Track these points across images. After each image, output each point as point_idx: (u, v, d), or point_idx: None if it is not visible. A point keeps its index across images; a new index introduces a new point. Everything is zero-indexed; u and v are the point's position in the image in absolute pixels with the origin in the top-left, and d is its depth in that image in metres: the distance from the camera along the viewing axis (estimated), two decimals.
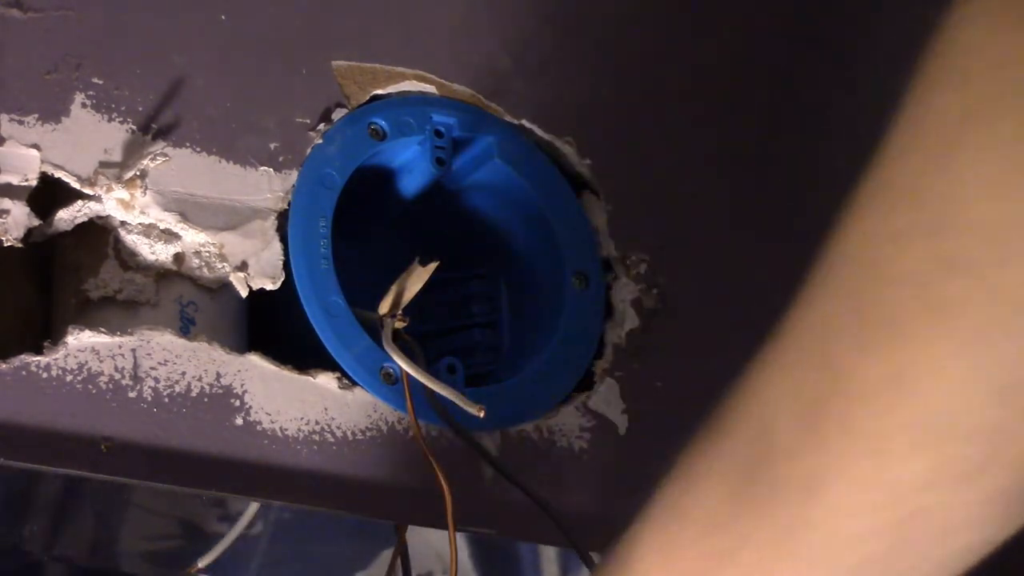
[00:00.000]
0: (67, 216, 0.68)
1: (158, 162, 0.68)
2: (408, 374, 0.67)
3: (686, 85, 0.84)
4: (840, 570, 0.39)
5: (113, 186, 0.67)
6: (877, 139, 0.40)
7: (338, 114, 0.73)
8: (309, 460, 0.68)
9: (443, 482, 0.66)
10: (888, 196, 0.38)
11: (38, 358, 0.64)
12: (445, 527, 0.65)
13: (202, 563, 0.85)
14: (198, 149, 0.69)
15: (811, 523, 0.39)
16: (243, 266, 0.69)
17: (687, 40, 0.85)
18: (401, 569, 0.80)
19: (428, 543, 0.92)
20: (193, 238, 0.69)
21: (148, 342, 0.66)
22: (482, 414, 0.66)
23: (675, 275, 0.80)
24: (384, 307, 0.68)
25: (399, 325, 0.68)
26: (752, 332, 0.85)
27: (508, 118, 0.79)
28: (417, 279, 0.68)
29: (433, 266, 0.68)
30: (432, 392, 0.67)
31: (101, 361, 0.65)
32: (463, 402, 0.66)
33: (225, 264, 0.69)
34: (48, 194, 0.68)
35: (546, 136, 0.79)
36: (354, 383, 0.70)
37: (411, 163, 0.78)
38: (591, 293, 0.78)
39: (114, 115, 0.68)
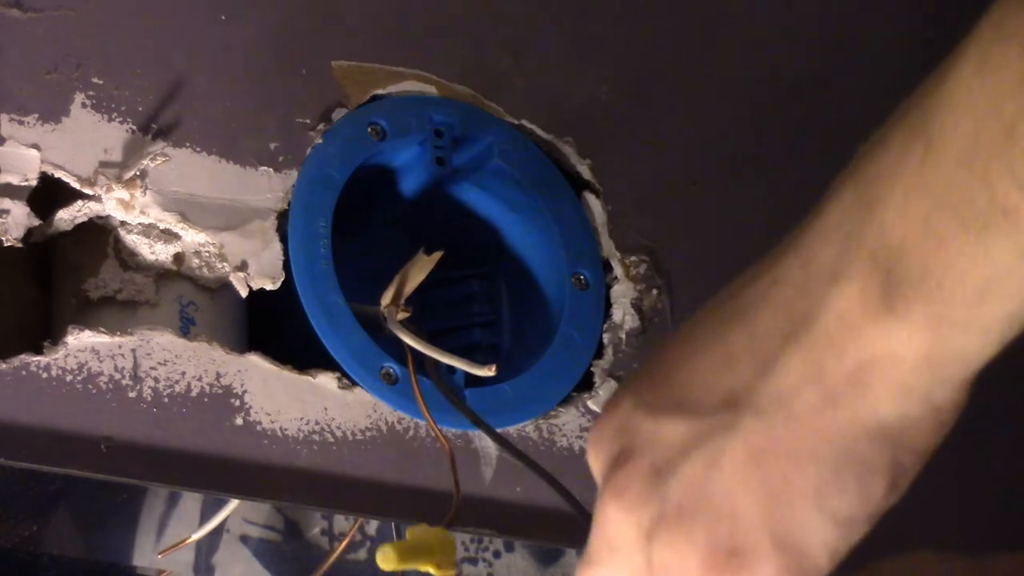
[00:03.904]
0: (67, 216, 0.68)
1: (158, 162, 0.68)
2: (412, 365, 0.67)
3: (686, 85, 0.84)
4: None
5: (113, 186, 0.67)
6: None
7: (338, 114, 0.73)
8: (309, 460, 0.68)
9: (446, 445, 0.66)
10: None
11: (38, 358, 0.64)
12: (444, 527, 0.65)
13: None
14: (198, 149, 0.69)
15: None
16: (243, 266, 0.69)
17: (687, 40, 0.85)
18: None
19: None
20: (193, 238, 0.69)
21: (148, 342, 0.66)
22: (492, 372, 0.66)
23: (675, 275, 0.80)
24: (387, 298, 0.68)
25: (402, 316, 0.68)
26: None
27: (508, 118, 0.79)
28: (420, 269, 0.68)
29: (438, 255, 0.68)
30: (439, 383, 0.68)
31: (101, 361, 0.65)
32: (471, 367, 0.67)
33: (225, 264, 0.69)
34: (48, 194, 0.68)
35: (546, 136, 0.79)
36: (354, 383, 0.70)
37: (411, 163, 0.78)
38: (591, 293, 0.78)
39: (114, 115, 0.68)
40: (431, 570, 0.57)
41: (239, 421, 0.67)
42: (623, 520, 0.43)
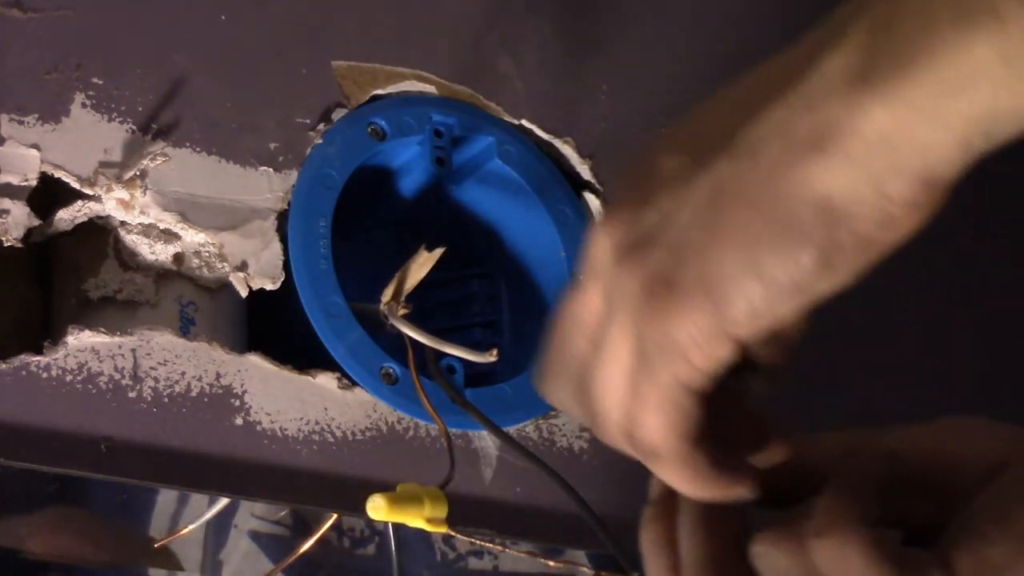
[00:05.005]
0: (67, 216, 0.68)
1: (158, 162, 0.68)
2: (412, 357, 0.67)
3: (686, 84, 0.84)
4: None
5: (113, 186, 0.67)
6: None
7: (338, 114, 0.73)
8: (309, 460, 0.68)
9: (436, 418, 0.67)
10: None
11: (38, 358, 0.64)
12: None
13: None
14: (198, 149, 0.70)
15: None
16: (243, 266, 0.69)
17: (687, 39, 0.85)
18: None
19: None
20: (193, 238, 0.69)
21: (148, 342, 0.66)
22: (495, 358, 0.66)
23: None
24: (387, 295, 0.68)
25: (402, 312, 0.68)
26: None
27: (508, 118, 0.79)
28: (421, 266, 0.68)
29: (439, 252, 0.68)
30: (440, 380, 0.68)
31: (101, 361, 0.65)
32: (473, 355, 0.67)
33: (225, 264, 0.69)
34: (48, 194, 0.68)
35: (546, 136, 0.79)
36: (354, 383, 0.70)
37: (411, 163, 0.78)
38: None
39: (114, 115, 0.68)
40: (421, 524, 0.56)
41: (239, 421, 0.67)
42: (604, 243, 0.44)
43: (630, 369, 0.43)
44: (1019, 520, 0.43)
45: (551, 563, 0.88)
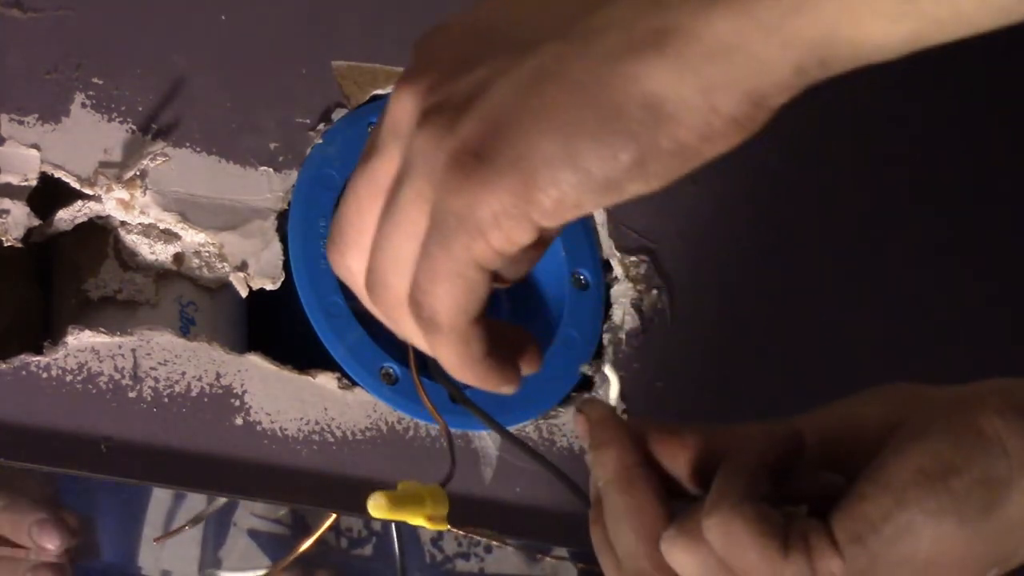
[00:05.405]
0: (67, 216, 0.68)
1: (158, 162, 0.68)
2: (413, 355, 0.67)
3: None
4: None
5: (113, 186, 0.67)
6: None
7: (338, 114, 0.73)
8: (309, 460, 0.68)
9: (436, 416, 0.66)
10: None
11: (38, 358, 0.64)
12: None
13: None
14: (198, 149, 0.70)
15: None
16: (243, 266, 0.69)
17: None
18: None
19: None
20: (193, 238, 0.69)
21: (148, 342, 0.66)
22: None
23: (675, 275, 0.80)
24: None
25: None
26: (751, 332, 0.85)
27: None
28: None
29: None
30: (442, 379, 0.68)
31: (101, 361, 0.65)
32: None
33: (225, 264, 0.69)
34: (48, 194, 0.68)
35: None
36: (354, 383, 0.70)
37: None
38: (591, 293, 0.78)
39: (114, 115, 0.68)
40: (423, 522, 0.56)
41: (239, 421, 0.67)
42: (408, 103, 0.42)
43: (422, 234, 0.41)
44: (894, 472, 0.44)
45: (547, 558, 0.88)
